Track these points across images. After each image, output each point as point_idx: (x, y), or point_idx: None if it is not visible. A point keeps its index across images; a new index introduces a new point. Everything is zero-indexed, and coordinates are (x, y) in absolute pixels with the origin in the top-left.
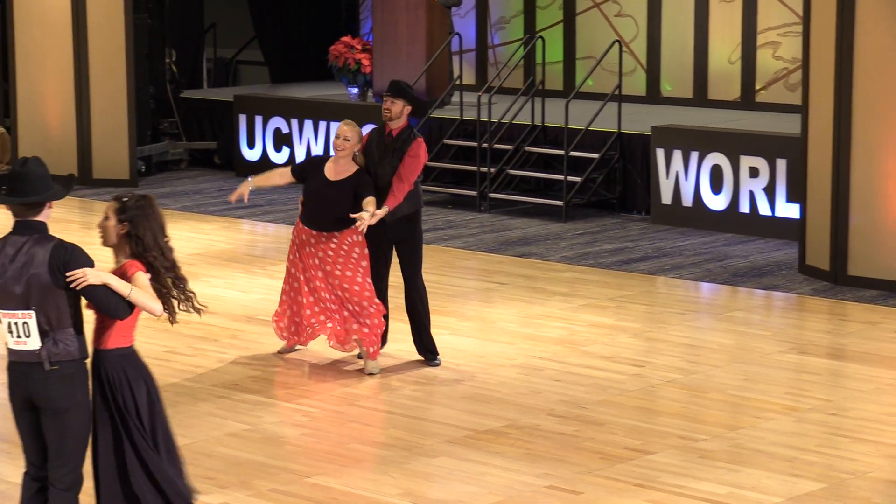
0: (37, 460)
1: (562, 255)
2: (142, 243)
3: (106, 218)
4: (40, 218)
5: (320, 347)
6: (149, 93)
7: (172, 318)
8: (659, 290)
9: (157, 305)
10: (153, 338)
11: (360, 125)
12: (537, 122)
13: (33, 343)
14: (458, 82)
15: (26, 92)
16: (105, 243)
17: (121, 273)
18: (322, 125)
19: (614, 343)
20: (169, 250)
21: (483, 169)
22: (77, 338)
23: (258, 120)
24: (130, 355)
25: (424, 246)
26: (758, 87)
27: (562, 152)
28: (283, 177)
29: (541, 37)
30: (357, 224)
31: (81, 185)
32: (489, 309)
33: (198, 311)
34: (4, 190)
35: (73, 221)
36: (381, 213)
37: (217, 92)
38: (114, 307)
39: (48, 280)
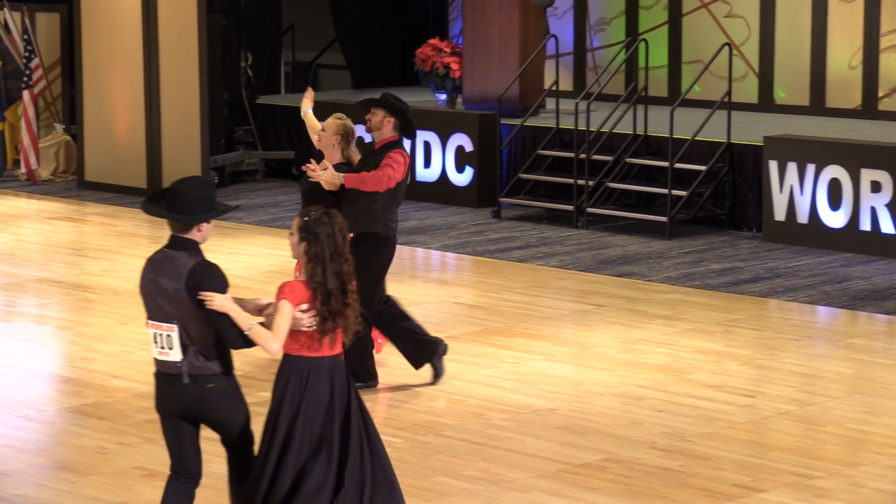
0: (184, 465)
1: (665, 276)
2: (315, 263)
3: (291, 234)
4: (190, 236)
5: (388, 372)
6: (222, 98)
7: (348, 339)
8: (771, 314)
9: (275, 346)
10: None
11: (449, 134)
12: (639, 131)
13: (175, 355)
14: (554, 88)
15: (93, 97)
16: (294, 257)
17: (278, 294)
18: None
19: (722, 371)
20: (340, 273)
21: (580, 182)
22: (218, 353)
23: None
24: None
25: (517, 264)
26: (880, 94)
27: (666, 164)
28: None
29: (644, 39)
30: (305, 168)
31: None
32: (586, 333)
33: (351, 339)
34: (165, 205)
35: (142, 236)
36: (330, 173)
37: (295, 98)
38: (230, 338)
39: (185, 297)
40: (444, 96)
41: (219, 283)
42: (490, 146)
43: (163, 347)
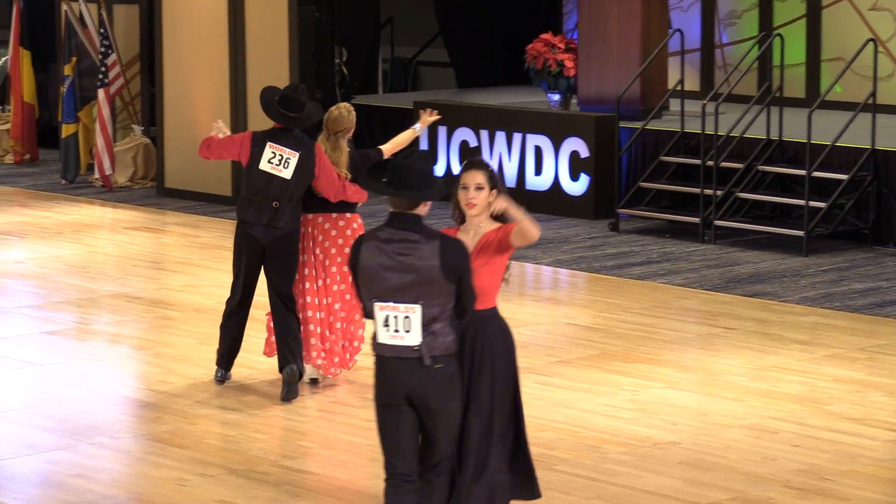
0: (402, 458)
1: (801, 296)
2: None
3: (479, 188)
4: (417, 212)
5: None
6: (315, 98)
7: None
8: None
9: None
10: (321, 387)
11: (563, 139)
12: (773, 136)
13: (412, 338)
14: (678, 88)
15: (175, 97)
16: (474, 214)
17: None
18: (517, 137)
19: (865, 402)
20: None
21: (707, 191)
22: (452, 331)
23: (441, 131)
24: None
25: (637, 282)
26: None
27: (803, 172)
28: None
29: (779, 34)
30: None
31: (235, 206)
32: (713, 358)
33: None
34: (385, 180)
35: (226, 248)
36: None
37: (394, 98)
38: (472, 301)
39: (437, 275)
40: (557, 97)
41: (467, 256)
42: (607, 152)
43: (397, 330)
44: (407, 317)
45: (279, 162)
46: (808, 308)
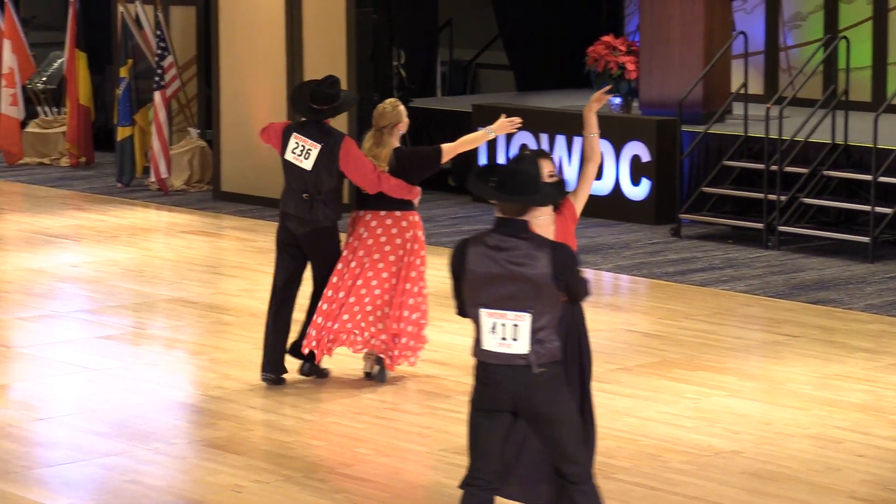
0: (488, 463)
1: (867, 303)
2: None
3: (551, 175)
4: (525, 217)
5: None
6: (372, 101)
7: None
8: None
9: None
10: (379, 392)
11: (624, 143)
12: (839, 140)
13: (520, 346)
14: (742, 91)
15: (231, 100)
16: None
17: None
18: (577, 141)
19: None
20: None
21: (771, 197)
22: (558, 337)
23: (500, 135)
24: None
25: (699, 289)
26: None
27: (869, 178)
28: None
29: (845, 37)
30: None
31: None
32: (777, 367)
33: None
34: (493, 184)
35: None
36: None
37: (452, 101)
38: (582, 294)
39: (548, 284)
40: (618, 100)
41: (577, 260)
42: (669, 156)
43: (504, 338)
44: (515, 325)
45: (301, 153)
46: (873, 316)
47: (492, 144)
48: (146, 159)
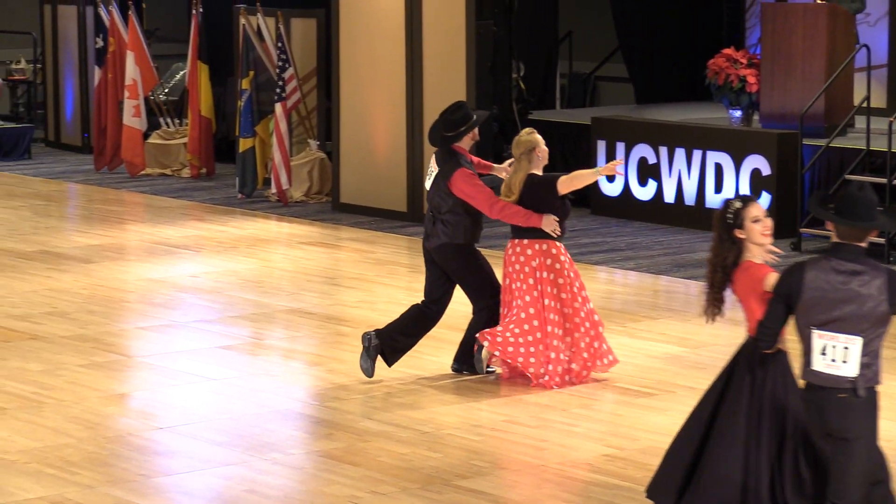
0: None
1: None
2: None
3: (767, 216)
4: (864, 244)
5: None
6: (492, 113)
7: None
8: None
9: None
10: (495, 405)
11: (744, 156)
12: None
13: (849, 370)
14: (864, 105)
15: (351, 112)
16: (771, 241)
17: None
18: (696, 154)
19: None
20: None
21: None
22: (878, 361)
23: (620, 147)
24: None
25: None
26: None
27: None
28: None
29: None
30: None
31: (411, 222)
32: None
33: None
34: (832, 208)
35: (401, 264)
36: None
37: (572, 113)
38: None
39: (884, 310)
40: (738, 113)
41: None
42: (790, 170)
43: (834, 360)
44: (846, 347)
45: (429, 175)
46: None
47: (611, 158)
48: (266, 170)
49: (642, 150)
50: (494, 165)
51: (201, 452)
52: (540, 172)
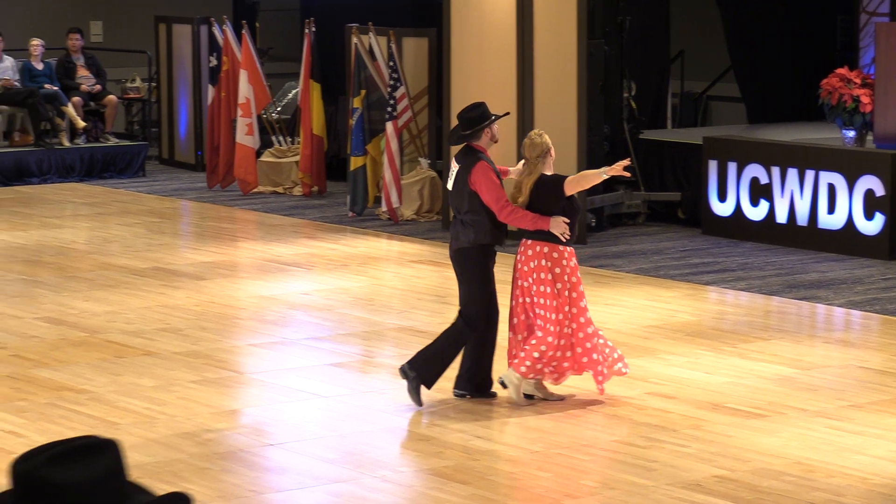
0: None
1: None
2: None
3: None
4: None
5: (782, 443)
6: (602, 133)
7: None
8: None
9: None
10: (600, 425)
11: (857, 177)
12: None
13: None
14: None
15: None
16: None
17: None
18: (809, 175)
19: None
20: None
21: None
22: None
23: (731, 167)
24: None
25: None
26: None
27: None
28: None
29: None
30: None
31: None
32: None
33: None
34: None
35: (509, 282)
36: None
37: (683, 133)
38: None
39: None
40: (852, 133)
41: None
42: None
43: None
44: None
45: (451, 175)
46: None
47: (722, 178)
48: (377, 189)
49: (754, 171)
50: (510, 169)
51: (312, 469)
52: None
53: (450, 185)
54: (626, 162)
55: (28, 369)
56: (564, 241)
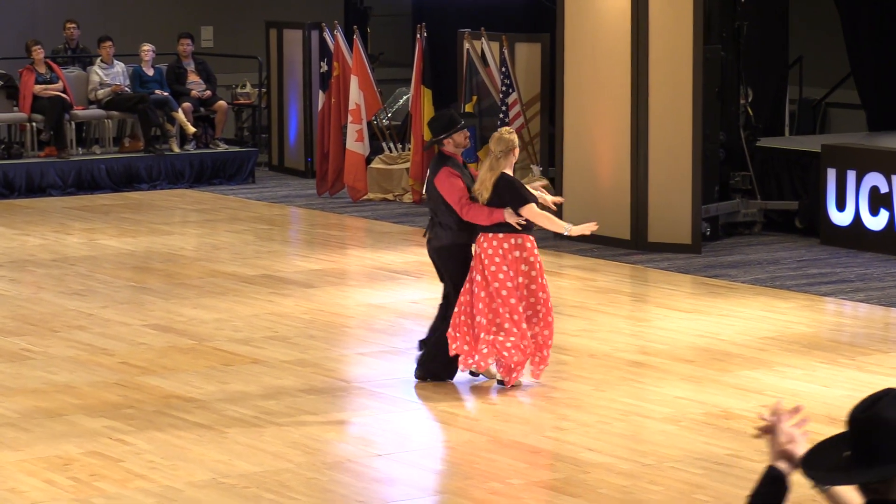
0: None
1: None
2: None
3: None
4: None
5: None
6: (718, 140)
7: None
8: None
9: None
10: (714, 438)
11: None
12: None
13: None
14: None
15: (574, 138)
16: None
17: None
18: None
19: None
20: None
21: None
22: None
23: (850, 176)
24: None
25: None
26: None
27: None
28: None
29: None
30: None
31: (634, 250)
32: None
33: None
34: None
35: (623, 293)
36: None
37: (801, 141)
38: None
39: None
40: None
41: None
42: None
43: None
44: None
45: (427, 178)
46: None
47: (841, 188)
48: None
49: (874, 179)
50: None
51: (420, 480)
52: (511, 173)
53: (423, 189)
54: (593, 226)
55: (136, 377)
56: (519, 228)
